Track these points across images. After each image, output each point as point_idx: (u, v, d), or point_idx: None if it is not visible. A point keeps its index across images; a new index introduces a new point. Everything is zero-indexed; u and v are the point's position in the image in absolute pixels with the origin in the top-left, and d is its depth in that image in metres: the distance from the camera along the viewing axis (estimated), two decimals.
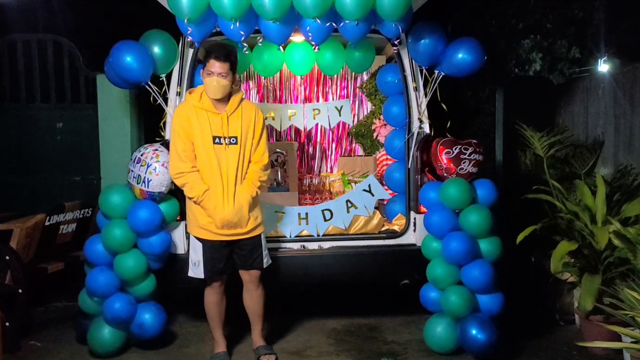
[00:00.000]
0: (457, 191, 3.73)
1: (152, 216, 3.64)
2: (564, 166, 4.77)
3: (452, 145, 3.91)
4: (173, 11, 3.37)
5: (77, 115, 5.83)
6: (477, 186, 3.86)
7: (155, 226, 3.66)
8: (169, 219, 3.84)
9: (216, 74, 3.32)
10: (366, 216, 4.21)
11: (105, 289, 3.68)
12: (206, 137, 3.39)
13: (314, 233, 4.14)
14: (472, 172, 3.89)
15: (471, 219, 3.69)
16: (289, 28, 3.53)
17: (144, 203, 3.68)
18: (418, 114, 4.13)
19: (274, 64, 4.42)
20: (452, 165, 3.88)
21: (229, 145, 3.42)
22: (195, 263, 3.54)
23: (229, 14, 3.29)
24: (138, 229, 3.64)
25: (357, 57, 4.46)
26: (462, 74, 4.11)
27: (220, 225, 3.45)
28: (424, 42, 3.97)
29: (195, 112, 3.42)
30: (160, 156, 3.68)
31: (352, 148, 5.20)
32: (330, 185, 4.70)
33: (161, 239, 3.72)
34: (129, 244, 3.68)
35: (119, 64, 3.80)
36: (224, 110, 3.44)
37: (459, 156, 3.89)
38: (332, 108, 5.04)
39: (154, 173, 3.62)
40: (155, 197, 3.71)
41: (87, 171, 5.81)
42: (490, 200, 3.85)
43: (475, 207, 3.74)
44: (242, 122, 3.47)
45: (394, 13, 3.39)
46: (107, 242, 3.67)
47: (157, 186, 3.66)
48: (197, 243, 3.54)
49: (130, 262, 3.67)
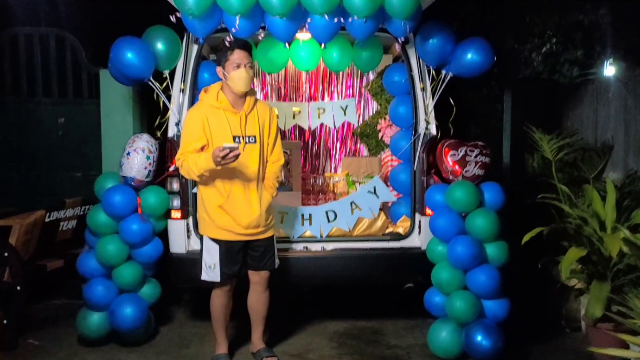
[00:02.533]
0: (463, 194, 3.66)
1: (124, 199, 3.72)
2: (572, 170, 4.69)
3: (457, 147, 3.84)
4: (178, 6, 3.30)
5: (79, 110, 5.75)
6: (484, 189, 3.79)
7: (129, 210, 3.73)
8: (151, 209, 3.81)
9: (244, 65, 3.24)
10: (371, 218, 4.14)
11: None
12: (226, 138, 3.29)
13: (317, 234, 4.09)
14: (479, 174, 3.82)
15: (478, 222, 3.62)
16: (296, 25, 3.46)
17: (117, 186, 3.80)
18: (425, 114, 4.07)
19: (279, 60, 4.35)
20: (458, 168, 3.80)
21: (247, 144, 3.35)
22: (211, 266, 3.44)
23: (234, 9, 3.23)
24: (113, 213, 3.71)
25: (364, 55, 4.39)
26: (471, 74, 4.06)
27: (246, 226, 3.39)
28: (432, 41, 3.90)
29: (212, 113, 3.33)
30: (137, 142, 3.84)
31: (357, 148, 5.14)
32: (334, 185, 4.64)
33: (153, 247, 3.84)
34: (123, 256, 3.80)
35: (119, 60, 3.75)
36: (242, 109, 3.36)
37: (465, 158, 3.82)
38: (337, 107, 4.98)
39: (126, 157, 3.81)
40: (129, 182, 3.82)
41: (88, 167, 5.72)
42: (498, 203, 3.78)
43: (482, 210, 3.68)
44: (259, 121, 3.42)
45: (403, 11, 3.32)
46: (99, 256, 3.77)
47: (128, 170, 3.79)
48: (212, 245, 3.44)
49: (129, 271, 3.80)
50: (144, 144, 3.86)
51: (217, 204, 3.37)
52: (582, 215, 3.87)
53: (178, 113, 3.94)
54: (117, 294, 3.83)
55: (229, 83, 3.33)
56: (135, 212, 3.81)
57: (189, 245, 3.94)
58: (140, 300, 3.87)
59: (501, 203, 3.78)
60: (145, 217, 3.80)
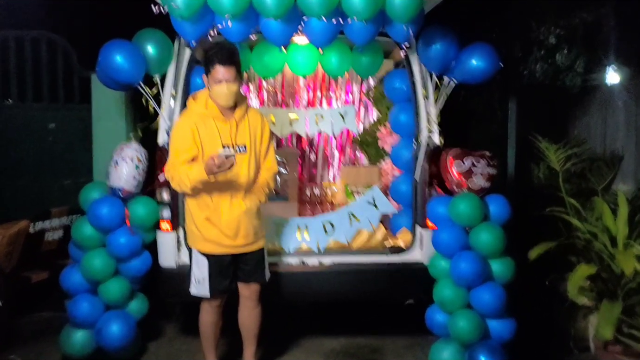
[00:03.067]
0: (467, 207, 3.48)
1: (112, 211, 3.55)
2: (580, 181, 4.50)
3: (463, 157, 3.66)
4: (169, 9, 3.11)
5: (70, 115, 5.63)
6: (490, 202, 3.61)
7: (117, 222, 3.55)
8: (140, 221, 3.65)
9: (225, 81, 3.08)
10: (370, 230, 3.96)
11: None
12: (216, 147, 3.14)
13: (314, 248, 3.92)
14: (485, 186, 3.64)
15: (482, 238, 3.44)
16: (292, 27, 3.28)
17: (104, 198, 3.60)
18: (427, 123, 3.91)
19: (275, 64, 4.19)
20: (463, 179, 3.62)
21: (238, 154, 3.19)
22: (199, 280, 3.29)
23: (226, 10, 3.05)
24: (100, 226, 3.54)
25: (364, 60, 4.23)
26: (475, 81, 3.90)
27: (234, 239, 3.23)
28: (435, 46, 3.75)
29: (202, 121, 3.18)
30: (125, 150, 3.65)
31: (356, 157, 4.97)
32: (332, 196, 4.46)
33: (142, 260, 3.67)
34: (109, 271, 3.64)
35: (108, 64, 3.60)
36: (232, 117, 3.21)
37: (471, 169, 3.63)
38: (336, 114, 4.82)
39: (114, 166, 3.61)
40: (117, 192, 3.63)
41: (79, 174, 5.57)
42: (503, 217, 3.60)
43: (487, 225, 3.49)
44: (250, 130, 3.27)
45: (404, 14, 3.14)
46: (85, 271, 3.59)
47: (116, 180, 3.61)
48: (201, 259, 3.29)
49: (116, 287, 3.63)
50: (132, 153, 3.68)
51: (204, 216, 3.23)
52: (592, 230, 3.69)
53: (169, 120, 3.79)
54: (103, 311, 3.66)
55: (212, 96, 3.20)
56: (123, 225, 3.64)
57: (179, 258, 3.77)
58: (128, 316, 3.70)
59: (507, 217, 3.60)
60: (134, 230, 3.62)
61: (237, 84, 3.14)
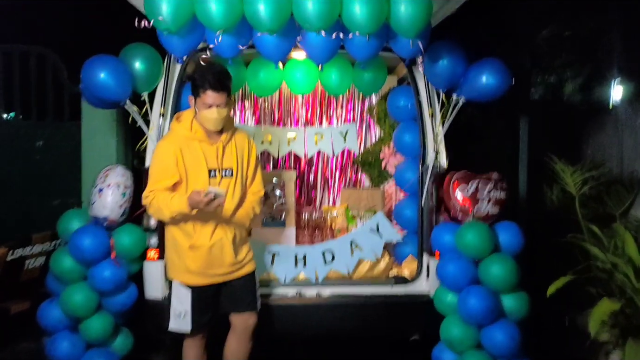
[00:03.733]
0: (476, 238, 3.23)
1: (95, 243, 3.27)
2: (596, 205, 4.22)
3: (468, 180, 3.41)
4: (154, 23, 2.85)
5: (59, 133, 5.45)
6: (500, 230, 3.35)
7: (101, 254, 3.27)
8: (126, 252, 3.40)
9: (215, 106, 2.91)
10: (373, 260, 3.70)
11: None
12: (201, 171, 2.97)
13: (312, 278, 3.66)
14: (493, 213, 3.38)
15: (493, 271, 3.18)
16: (289, 43, 3.03)
17: (86, 228, 3.33)
18: (434, 143, 3.67)
19: (272, 82, 3.96)
20: (469, 205, 3.36)
21: (223, 178, 3.02)
22: (180, 314, 3.06)
23: (217, 24, 2.80)
24: (82, 259, 3.27)
25: (366, 77, 4.02)
26: (485, 99, 3.66)
27: (219, 268, 3.03)
28: (441, 62, 3.51)
29: (186, 144, 2.98)
30: (110, 176, 3.40)
31: (358, 178, 4.71)
32: (332, 220, 4.20)
33: (128, 294, 3.41)
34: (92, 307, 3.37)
35: (92, 81, 3.36)
36: (218, 139, 3.04)
37: (477, 194, 3.38)
38: (336, 133, 4.58)
39: (98, 194, 3.35)
40: (101, 222, 3.36)
41: (67, 194, 5.35)
42: (515, 247, 3.34)
43: (498, 257, 3.23)
44: (237, 152, 3.09)
45: (411, 28, 2.88)
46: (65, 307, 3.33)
47: (100, 209, 3.34)
48: (182, 291, 3.06)
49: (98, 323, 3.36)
50: (118, 179, 3.42)
51: (187, 245, 3.01)
52: (614, 261, 3.41)
53: (157, 140, 3.54)
54: (84, 349, 3.39)
55: (199, 119, 3.00)
56: (108, 256, 3.37)
57: (167, 289, 3.49)
58: (112, 355, 3.44)
59: (519, 247, 3.35)
60: (119, 262, 3.36)
61: (228, 108, 2.99)
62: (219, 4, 2.73)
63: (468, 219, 3.36)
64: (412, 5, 2.85)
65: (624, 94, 4.68)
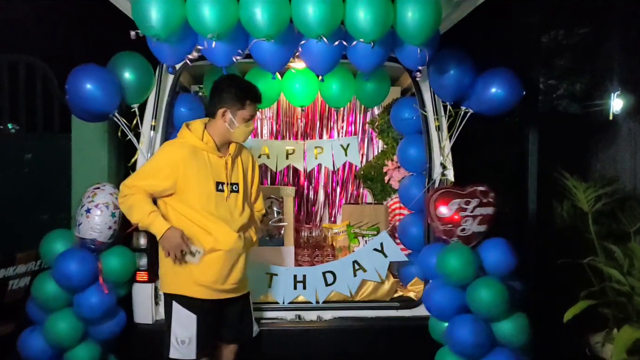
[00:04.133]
0: (457, 263, 3.02)
1: (82, 267, 3.05)
2: (609, 222, 4.04)
3: (450, 199, 3.19)
4: (140, 28, 2.66)
5: (48, 145, 5.23)
6: (487, 249, 3.13)
7: (88, 280, 3.07)
8: (115, 276, 3.19)
9: (252, 120, 2.95)
10: (377, 281, 3.50)
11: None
12: (209, 184, 2.84)
13: (313, 300, 3.47)
14: (479, 231, 3.17)
15: (480, 297, 2.97)
16: (287, 51, 2.85)
17: (71, 251, 3.11)
18: (441, 157, 3.49)
19: (270, 93, 3.79)
20: (452, 226, 3.16)
21: (232, 193, 2.92)
22: (184, 341, 2.83)
23: (210, 30, 2.60)
24: (68, 285, 3.06)
25: (368, 88, 3.83)
26: (495, 111, 3.49)
27: (227, 282, 2.86)
28: (448, 73, 3.33)
29: (194, 154, 2.85)
30: (98, 195, 3.19)
31: (360, 194, 4.51)
32: (333, 238, 4.00)
33: (116, 320, 3.20)
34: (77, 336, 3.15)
35: (77, 92, 3.17)
36: (227, 153, 2.96)
37: (459, 213, 3.17)
38: (337, 146, 4.37)
39: (84, 215, 3.16)
40: (88, 244, 3.16)
41: (56, 209, 5.12)
42: (506, 267, 3.12)
43: (484, 281, 3.01)
44: (243, 168, 3.03)
45: (418, 35, 2.70)
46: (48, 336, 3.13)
47: (87, 231, 3.14)
48: (186, 315, 2.84)
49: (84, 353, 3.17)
50: (107, 198, 3.21)
51: (208, 247, 2.85)
52: (633, 284, 3.21)
53: (148, 154, 3.36)
54: None
55: (231, 132, 2.91)
56: (95, 281, 3.15)
57: (157, 313, 3.32)
58: None
59: (510, 266, 3.11)
60: (107, 287, 3.14)
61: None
62: (212, 8, 2.56)
63: (453, 241, 3.17)
64: (420, 11, 2.66)
65: (637, 106, 4.53)
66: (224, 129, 2.89)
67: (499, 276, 3.06)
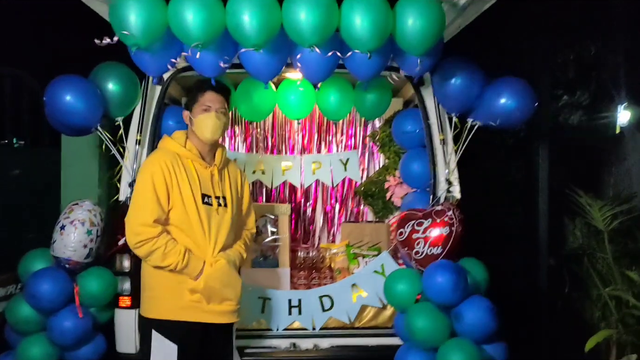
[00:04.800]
0: (425, 323, 2.83)
1: (55, 288, 2.89)
2: (626, 240, 3.82)
3: (404, 223, 3.07)
4: (120, 36, 2.45)
5: (37, 160, 5.08)
6: (464, 307, 2.85)
7: (60, 302, 2.91)
8: (92, 299, 3.00)
9: (215, 109, 2.69)
10: (378, 306, 3.28)
11: None
12: (195, 195, 2.63)
13: (309, 326, 3.27)
14: (433, 253, 2.96)
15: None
16: (279, 59, 2.65)
17: (43, 271, 2.97)
18: (446, 173, 3.30)
19: (263, 106, 3.60)
20: (407, 250, 3.02)
21: (219, 207, 2.72)
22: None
23: (194, 38, 2.40)
24: (40, 306, 2.90)
25: (368, 99, 3.64)
26: (505, 124, 3.26)
27: (204, 288, 2.63)
28: (454, 82, 3.12)
29: (179, 163, 2.66)
30: (75, 211, 3.04)
31: (360, 211, 4.31)
32: (332, 259, 3.79)
33: (94, 347, 3.02)
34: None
35: (56, 105, 2.99)
36: (213, 162, 2.78)
37: (412, 236, 3.01)
38: (336, 161, 4.18)
39: (59, 232, 3.02)
40: (63, 263, 3.01)
41: (45, 227, 4.91)
42: (483, 329, 2.83)
43: (456, 344, 2.81)
44: (230, 181, 2.84)
45: (419, 44, 2.49)
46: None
47: (61, 249, 2.99)
48: (167, 345, 2.63)
49: None
50: (84, 215, 3.05)
51: (179, 279, 2.64)
52: None
53: (132, 171, 3.17)
54: None
55: (194, 129, 2.72)
56: (71, 304, 2.97)
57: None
58: None
59: (489, 328, 2.82)
60: (83, 311, 2.96)
61: (226, 118, 2.78)
62: (196, 15, 2.36)
63: (415, 268, 3.01)
64: (422, 18, 2.46)
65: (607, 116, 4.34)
66: (191, 132, 2.74)
67: (475, 340, 2.82)
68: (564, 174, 4.26)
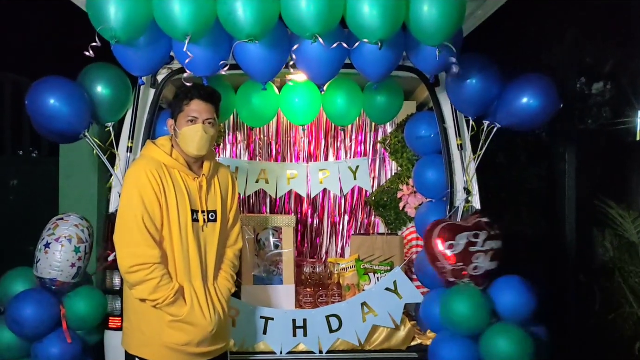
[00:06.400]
0: (465, 308, 2.63)
1: (39, 312, 2.65)
2: None
3: (455, 233, 2.78)
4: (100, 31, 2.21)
5: (35, 170, 5.02)
6: (498, 290, 2.74)
7: (45, 327, 2.67)
8: (81, 322, 2.78)
9: (202, 120, 2.41)
10: (390, 327, 3.04)
11: None
12: (180, 213, 2.39)
13: (315, 349, 3.03)
14: (491, 269, 2.76)
15: (498, 348, 2.56)
16: (278, 55, 2.41)
17: (26, 293, 2.72)
18: (464, 181, 3.08)
19: (265, 110, 3.39)
20: (461, 265, 2.75)
21: (208, 223, 2.47)
22: None
23: (182, 29, 2.16)
24: (22, 333, 2.67)
25: (378, 102, 3.43)
26: (526, 125, 3.07)
27: (201, 339, 2.40)
28: (471, 82, 2.88)
29: (165, 173, 2.39)
30: (60, 226, 2.77)
31: (371, 222, 4.06)
32: (340, 275, 3.55)
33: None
34: None
35: (39, 109, 2.77)
36: (200, 172, 2.50)
37: (469, 248, 2.75)
38: (345, 168, 3.96)
39: (43, 250, 2.75)
40: (48, 284, 2.75)
41: None
42: (523, 310, 2.69)
43: (501, 328, 2.62)
44: (221, 191, 2.56)
45: (437, 32, 2.22)
46: None
47: (45, 269, 2.73)
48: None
49: None
50: (70, 230, 2.78)
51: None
52: None
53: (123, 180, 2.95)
54: None
55: (179, 141, 2.44)
56: (57, 328, 2.73)
57: None
58: None
59: (529, 308, 2.69)
60: (71, 334, 2.72)
61: (215, 130, 2.50)
62: (183, 3, 2.10)
63: (463, 282, 2.75)
64: (437, 4, 2.19)
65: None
66: (175, 142, 2.46)
67: (517, 322, 2.67)
68: (587, 180, 4.01)
